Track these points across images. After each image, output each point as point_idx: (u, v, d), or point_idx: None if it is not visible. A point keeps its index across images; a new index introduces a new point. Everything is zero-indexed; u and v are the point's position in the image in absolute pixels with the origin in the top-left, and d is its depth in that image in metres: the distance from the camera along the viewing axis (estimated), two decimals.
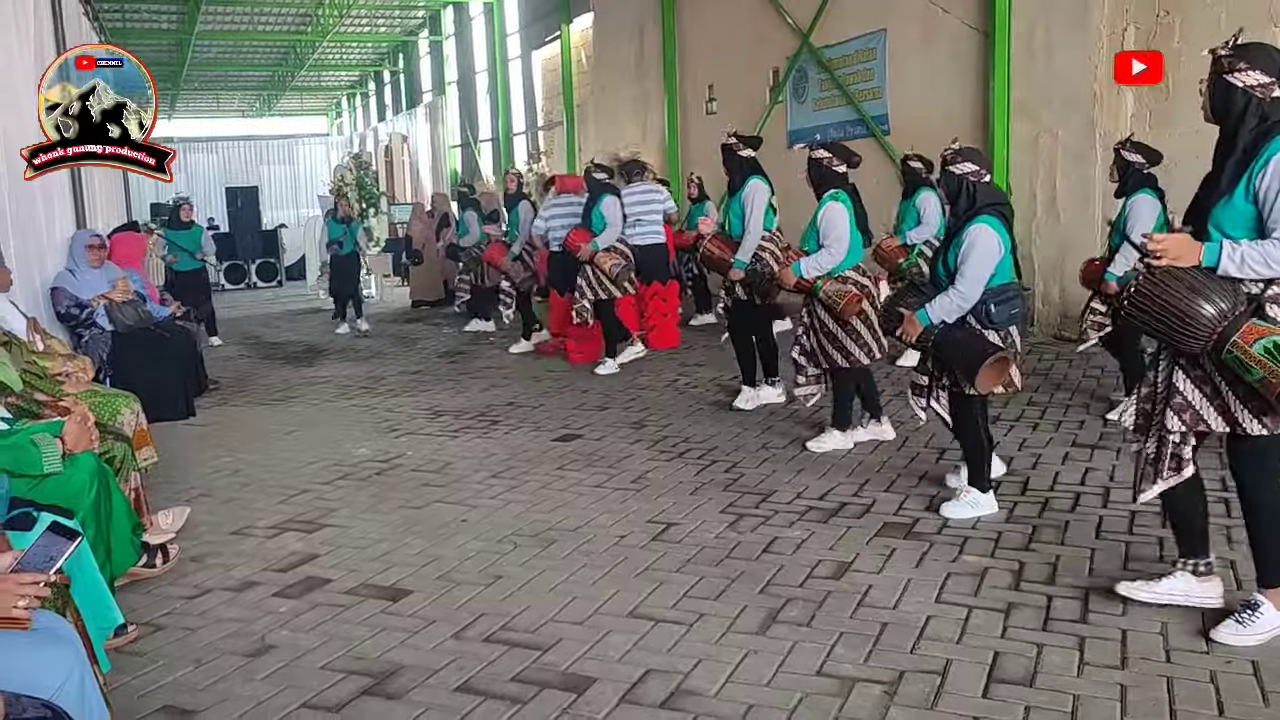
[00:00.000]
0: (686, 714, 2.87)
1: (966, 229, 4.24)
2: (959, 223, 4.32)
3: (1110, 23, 8.18)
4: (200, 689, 3.14)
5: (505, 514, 4.77)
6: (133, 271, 8.02)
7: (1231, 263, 2.93)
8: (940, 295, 4.29)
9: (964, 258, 4.22)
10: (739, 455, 5.60)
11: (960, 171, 4.28)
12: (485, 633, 3.46)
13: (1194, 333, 2.97)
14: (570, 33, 17.85)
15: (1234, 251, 2.93)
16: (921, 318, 4.31)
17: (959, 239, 4.27)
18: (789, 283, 5.50)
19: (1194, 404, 3.12)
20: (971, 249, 4.20)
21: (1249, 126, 2.99)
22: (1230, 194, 3.00)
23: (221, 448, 6.34)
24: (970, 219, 4.25)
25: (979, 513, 4.42)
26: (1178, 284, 2.97)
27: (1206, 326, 2.94)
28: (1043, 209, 8.96)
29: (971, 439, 4.47)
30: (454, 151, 24.33)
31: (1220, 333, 2.93)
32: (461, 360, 9.53)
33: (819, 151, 5.54)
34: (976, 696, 2.91)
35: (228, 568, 4.22)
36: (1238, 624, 3.15)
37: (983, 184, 4.29)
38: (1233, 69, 3.01)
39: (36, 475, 3.31)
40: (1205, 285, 2.95)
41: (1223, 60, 3.04)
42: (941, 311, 4.28)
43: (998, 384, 4.34)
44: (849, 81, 11.18)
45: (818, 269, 5.41)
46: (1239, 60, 3.01)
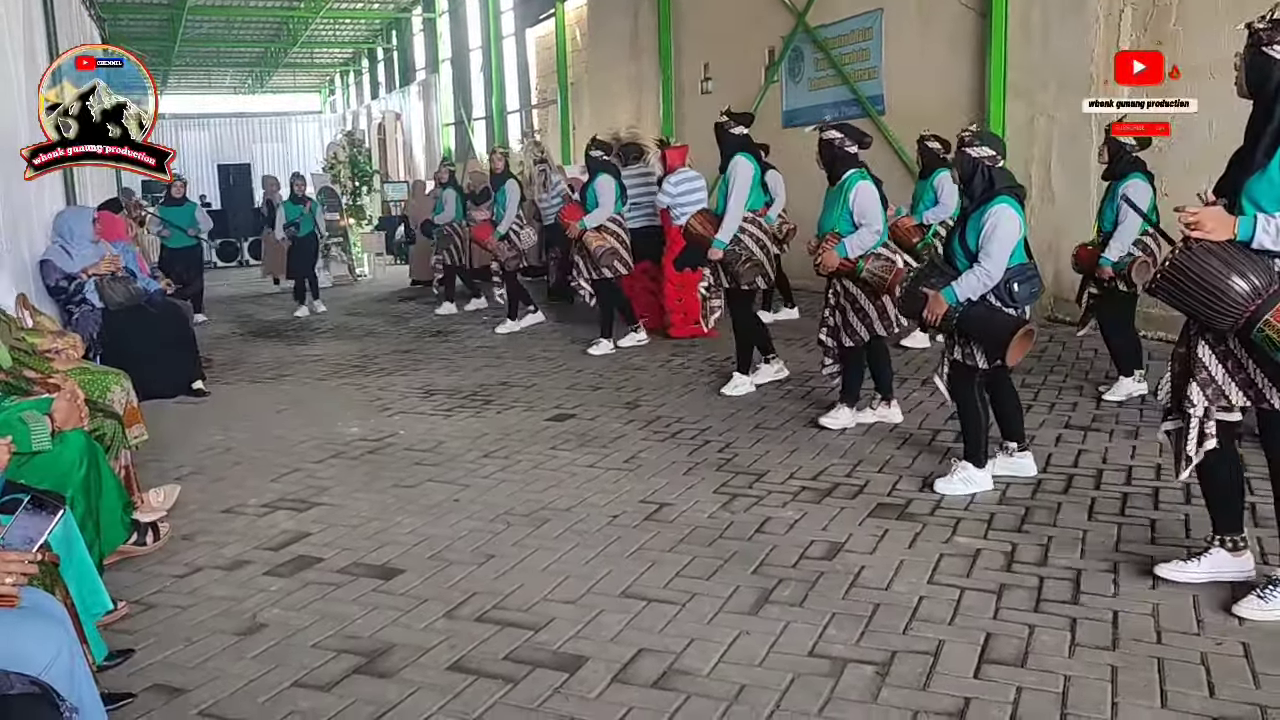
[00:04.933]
0: (679, 693, 2.87)
1: (988, 209, 4.27)
2: (975, 204, 4.35)
3: (1107, 4, 8.13)
4: (191, 667, 3.14)
5: (498, 493, 4.76)
6: (125, 246, 7.97)
7: (1267, 235, 2.90)
8: (965, 274, 4.31)
9: (988, 238, 4.25)
10: (732, 435, 5.60)
11: (977, 155, 4.32)
12: (477, 612, 3.46)
13: (1226, 309, 2.94)
14: (565, 10, 17.72)
15: (1269, 224, 2.89)
16: (948, 296, 4.32)
17: (978, 220, 4.30)
18: (832, 265, 5.40)
19: (1216, 379, 3.13)
20: (995, 229, 4.24)
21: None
22: (1265, 167, 2.96)
23: (213, 425, 6.32)
24: (989, 200, 4.29)
25: (973, 489, 4.44)
26: (1213, 259, 2.93)
27: (1240, 304, 2.92)
28: (1038, 191, 8.93)
29: (970, 408, 4.51)
30: (448, 129, 24.19)
31: (1253, 312, 2.91)
32: (454, 339, 9.50)
33: (830, 133, 5.51)
34: (968, 677, 2.91)
35: (218, 546, 4.20)
36: (1260, 599, 3.16)
37: (998, 168, 4.34)
38: (1272, 41, 2.98)
39: (25, 453, 3.28)
40: (1240, 260, 2.92)
41: (1261, 33, 3.02)
42: (967, 290, 4.31)
43: (1023, 354, 4.42)
44: (845, 61, 11.12)
45: (861, 248, 5.38)
46: (1277, 33, 2.98)
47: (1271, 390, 3.05)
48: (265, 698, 2.94)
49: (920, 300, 4.43)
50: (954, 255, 4.45)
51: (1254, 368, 3.06)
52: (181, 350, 7.31)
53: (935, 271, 4.52)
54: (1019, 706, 2.75)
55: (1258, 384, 3.07)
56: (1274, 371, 3.01)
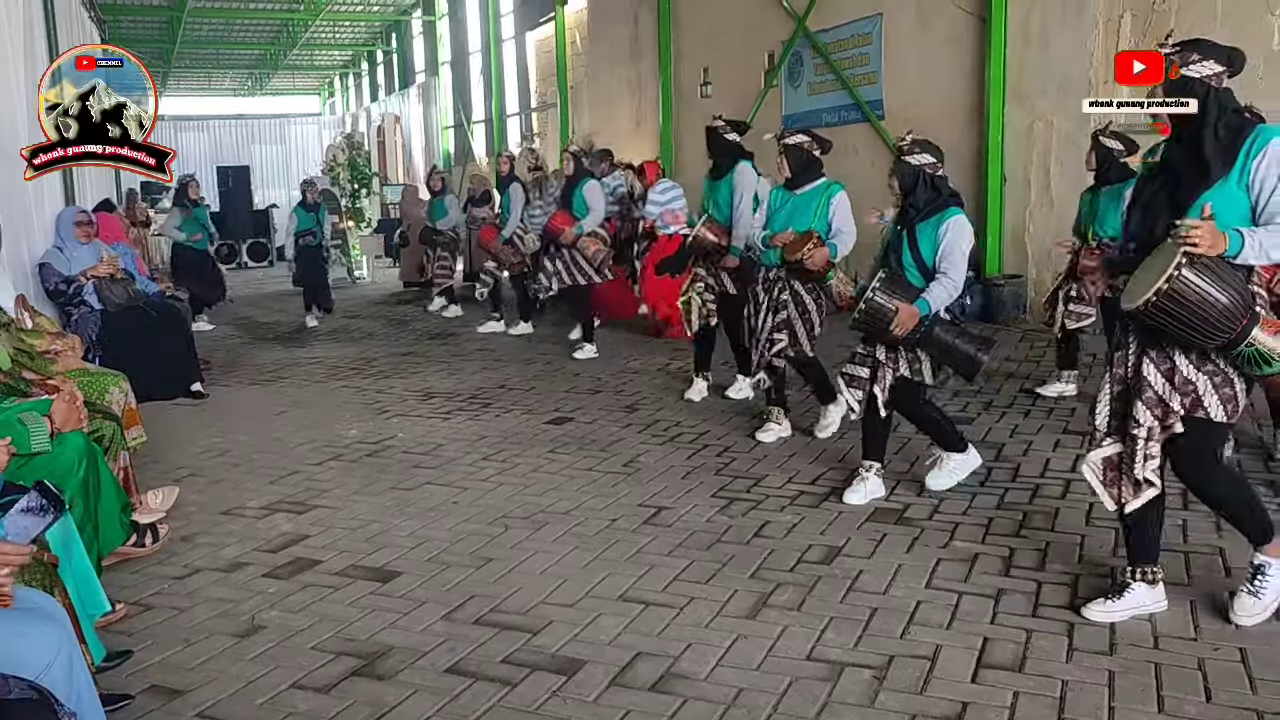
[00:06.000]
0: (676, 697, 2.88)
1: (945, 219, 4.24)
2: (923, 214, 4.28)
3: (1107, 9, 8.15)
4: (189, 669, 3.14)
5: (496, 496, 4.76)
6: (124, 247, 7.97)
7: (1252, 250, 2.86)
8: (934, 286, 4.23)
9: (949, 249, 4.23)
10: (730, 440, 5.60)
11: (918, 163, 4.28)
12: (475, 615, 3.46)
13: (1226, 327, 2.88)
14: (565, 14, 17.74)
15: (1251, 238, 2.86)
16: (922, 307, 4.20)
17: (933, 231, 4.25)
18: (821, 262, 5.25)
19: (1163, 396, 3.08)
20: (957, 240, 4.22)
21: (1213, 115, 2.96)
22: (1224, 180, 2.94)
23: (212, 428, 6.32)
24: (941, 210, 4.26)
25: (964, 473, 4.48)
26: (1211, 276, 2.85)
27: (1236, 321, 2.88)
28: (1037, 195, 8.96)
29: (926, 416, 4.51)
30: (447, 132, 24.20)
31: (1243, 327, 2.89)
32: (453, 342, 9.50)
33: (798, 136, 5.39)
34: (965, 682, 2.92)
35: (217, 548, 4.20)
36: (1253, 596, 3.16)
37: (939, 175, 4.31)
38: (1186, 63, 2.99)
39: (24, 454, 3.29)
40: (1229, 277, 2.87)
41: (1172, 57, 3.01)
42: (939, 301, 4.24)
43: None
44: (844, 66, 11.14)
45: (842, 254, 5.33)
46: (1190, 54, 2.99)
47: (1211, 397, 3.01)
48: (263, 699, 2.94)
49: (886, 315, 4.18)
50: (905, 267, 4.33)
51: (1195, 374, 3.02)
52: (180, 352, 7.30)
53: (897, 283, 4.27)
54: (1016, 711, 2.76)
55: (1200, 393, 3.02)
56: (1220, 380, 3.00)
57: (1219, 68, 2.98)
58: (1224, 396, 3.03)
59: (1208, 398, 3.03)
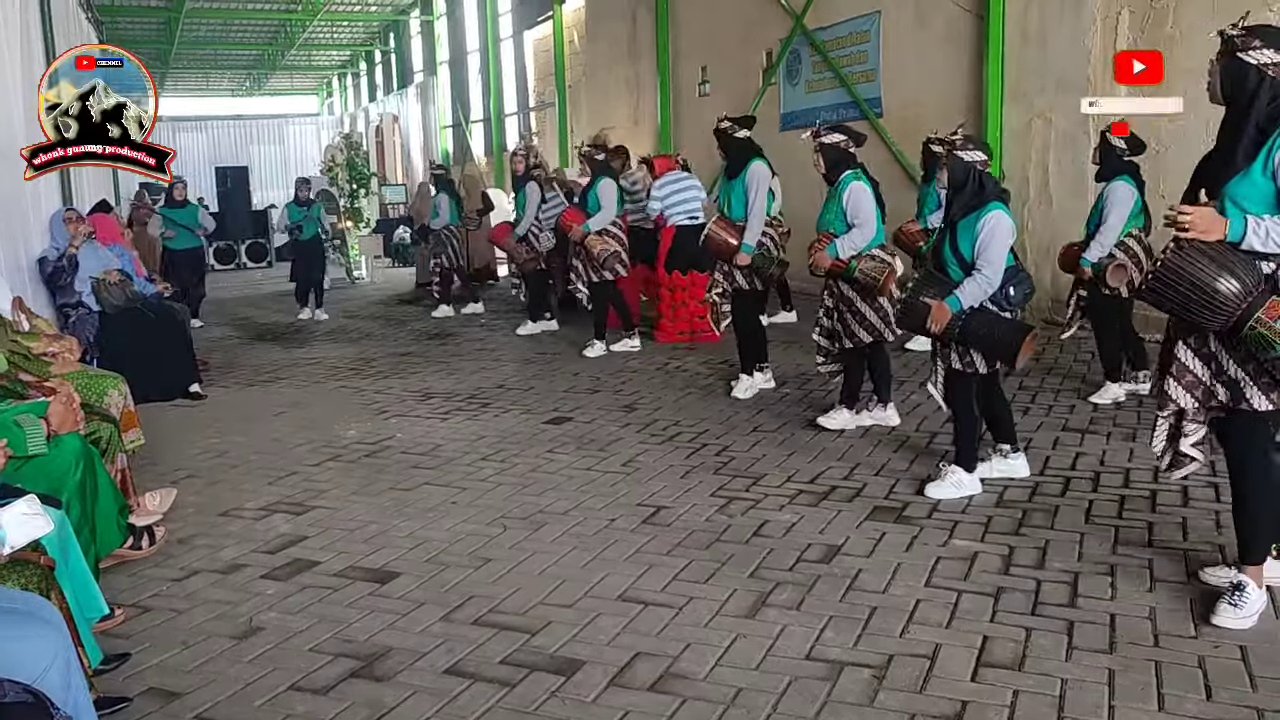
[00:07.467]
0: (675, 697, 2.87)
1: (982, 216, 4.27)
2: (964, 210, 4.34)
3: (1104, 6, 8.14)
4: (187, 671, 3.13)
5: (495, 496, 4.76)
6: (121, 249, 7.96)
7: (1256, 237, 2.93)
8: (967, 282, 4.29)
9: (985, 244, 4.26)
10: (729, 439, 5.59)
11: (970, 159, 4.33)
12: (474, 615, 3.45)
13: (1218, 308, 2.95)
14: (562, 13, 17.73)
15: (1258, 226, 2.92)
16: (953, 304, 4.29)
17: (971, 226, 4.30)
18: (824, 266, 5.41)
19: (1204, 380, 3.16)
20: (993, 235, 4.25)
21: (1263, 103, 3.00)
22: (1247, 170, 2.99)
23: (209, 429, 6.31)
24: (981, 206, 4.30)
25: (963, 493, 4.45)
26: (1204, 259, 2.94)
27: (1231, 303, 2.93)
28: (1035, 193, 8.94)
29: (967, 419, 4.52)
30: (445, 132, 24.19)
31: (1244, 311, 2.93)
32: (451, 342, 9.49)
33: (833, 136, 5.52)
34: (965, 680, 2.91)
35: (215, 549, 4.20)
36: (1233, 606, 3.17)
37: (987, 173, 4.36)
38: (1246, 47, 3.03)
39: (21, 456, 3.28)
40: (1231, 261, 2.94)
41: (1235, 40, 3.06)
42: (970, 297, 4.29)
43: (1029, 357, 4.46)
44: (842, 64, 11.12)
45: (853, 248, 5.39)
46: (1252, 39, 3.03)
47: (1251, 387, 3.07)
48: (262, 701, 2.94)
49: (922, 312, 4.38)
50: (945, 263, 4.43)
51: (1235, 367, 3.09)
52: (178, 353, 7.30)
53: (933, 281, 4.46)
54: (1016, 710, 2.75)
55: (1239, 383, 3.08)
56: (1255, 369, 3.04)
57: (1277, 57, 3.01)
58: (1263, 385, 3.06)
59: (1248, 389, 3.08)
